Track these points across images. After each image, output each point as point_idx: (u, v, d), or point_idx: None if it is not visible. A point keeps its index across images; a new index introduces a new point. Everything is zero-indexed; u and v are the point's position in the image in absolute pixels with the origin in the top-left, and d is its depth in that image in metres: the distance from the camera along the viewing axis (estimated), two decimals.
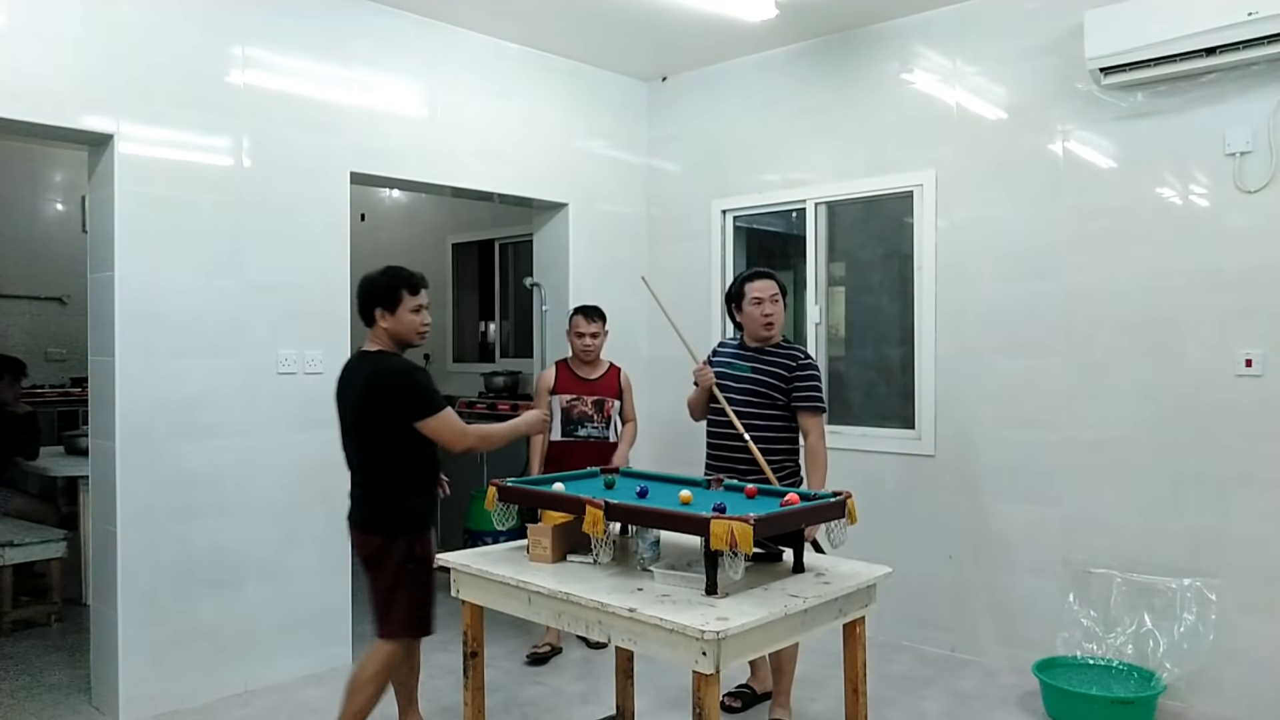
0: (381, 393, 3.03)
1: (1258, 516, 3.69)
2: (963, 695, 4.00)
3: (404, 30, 4.58)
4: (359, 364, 3.14)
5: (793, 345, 3.73)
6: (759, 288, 3.63)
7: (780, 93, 5.17)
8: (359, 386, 3.08)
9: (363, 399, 3.06)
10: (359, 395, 3.07)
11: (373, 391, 3.04)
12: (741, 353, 3.71)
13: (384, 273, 3.17)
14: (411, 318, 3.14)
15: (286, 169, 4.15)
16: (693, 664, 2.19)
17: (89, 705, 3.87)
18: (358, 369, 3.14)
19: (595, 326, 4.51)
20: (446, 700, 3.91)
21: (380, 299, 3.12)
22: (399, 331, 3.13)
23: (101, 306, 3.78)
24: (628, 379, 4.67)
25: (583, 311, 4.55)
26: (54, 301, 7.81)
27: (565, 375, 4.56)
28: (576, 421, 4.49)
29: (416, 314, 3.16)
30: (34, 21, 3.47)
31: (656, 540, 2.70)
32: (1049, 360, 4.21)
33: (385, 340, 3.13)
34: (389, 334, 3.13)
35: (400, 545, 3.09)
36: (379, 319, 3.12)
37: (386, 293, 3.12)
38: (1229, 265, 3.75)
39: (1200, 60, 3.66)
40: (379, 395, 3.03)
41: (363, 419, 3.07)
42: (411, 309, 3.14)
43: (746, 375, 3.64)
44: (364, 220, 8.04)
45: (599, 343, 4.53)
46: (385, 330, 3.12)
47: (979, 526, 4.43)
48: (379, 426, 3.05)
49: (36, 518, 5.41)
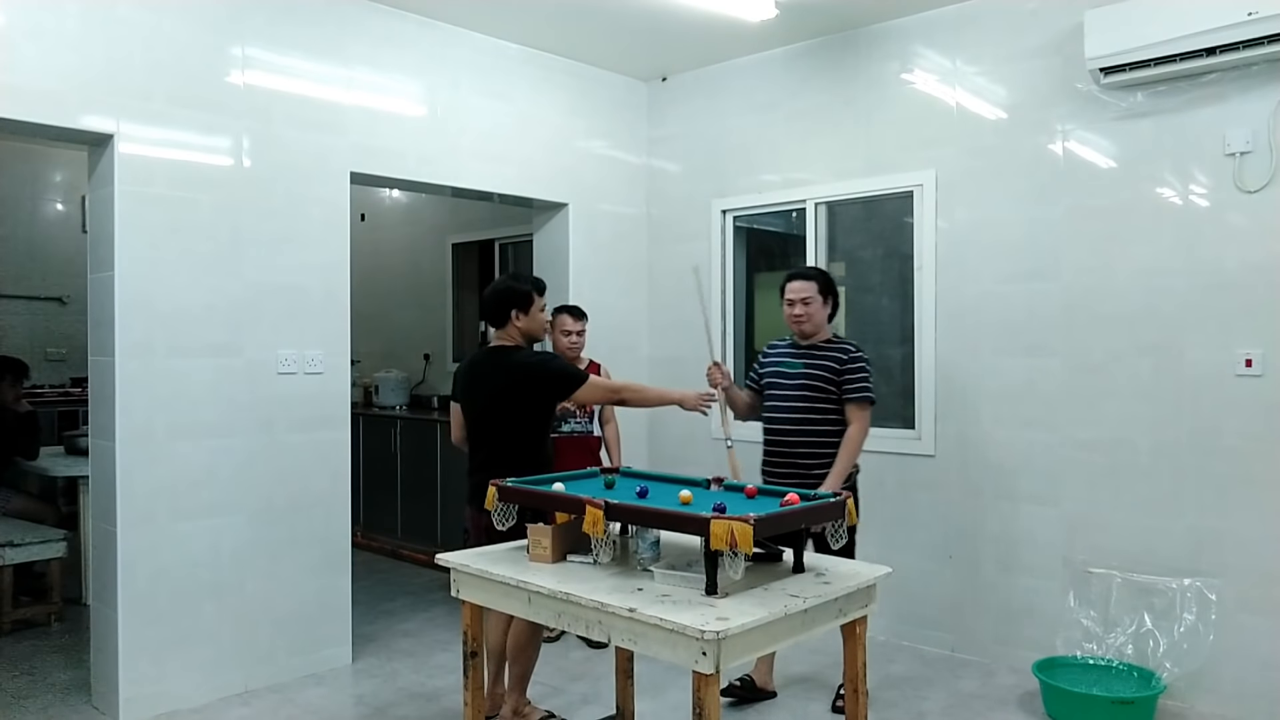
0: (529, 376, 3.42)
1: (1258, 516, 3.69)
2: (963, 695, 4.00)
3: (404, 30, 4.58)
4: (495, 356, 3.51)
5: (844, 341, 3.88)
6: (791, 289, 3.84)
7: (780, 93, 5.17)
8: (504, 372, 3.44)
9: (509, 384, 3.43)
10: (504, 381, 3.43)
11: (521, 376, 3.42)
12: (794, 351, 3.87)
13: (514, 278, 3.63)
14: (541, 316, 3.59)
15: (286, 169, 4.15)
16: (693, 664, 2.19)
17: (89, 705, 3.87)
18: (494, 361, 3.49)
19: (581, 325, 4.59)
20: (447, 700, 3.91)
21: (517, 301, 3.52)
22: (531, 329, 3.56)
23: (101, 306, 3.78)
24: (608, 374, 4.71)
25: (569, 310, 4.60)
26: (54, 301, 7.82)
27: None
28: (560, 417, 4.54)
29: (543, 313, 3.62)
30: (34, 21, 3.46)
31: (656, 540, 2.71)
32: (1049, 360, 4.21)
33: (518, 337, 3.54)
34: (522, 332, 3.54)
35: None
36: (514, 319, 3.52)
37: (523, 296, 3.53)
38: (1229, 265, 3.75)
39: (1200, 60, 3.66)
40: (528, 378, 3.42)
41: (509, 402, 3.43)
42: (540, 308, 3.58)
43: (800, 372, 3.79)
44: (364, 220, 8.05)
45: (583, 341, 4.61)
46: (519, 329, 3.53)
47: (979, 526, 4.43)
48: (526, 406, 3.44)
49: (36, 518, 5.41)
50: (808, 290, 3.79)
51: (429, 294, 7.69)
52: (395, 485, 6.90)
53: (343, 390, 4.35)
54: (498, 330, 3.57)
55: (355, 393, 6.71)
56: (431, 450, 6.55)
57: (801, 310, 3.79)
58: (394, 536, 6.85)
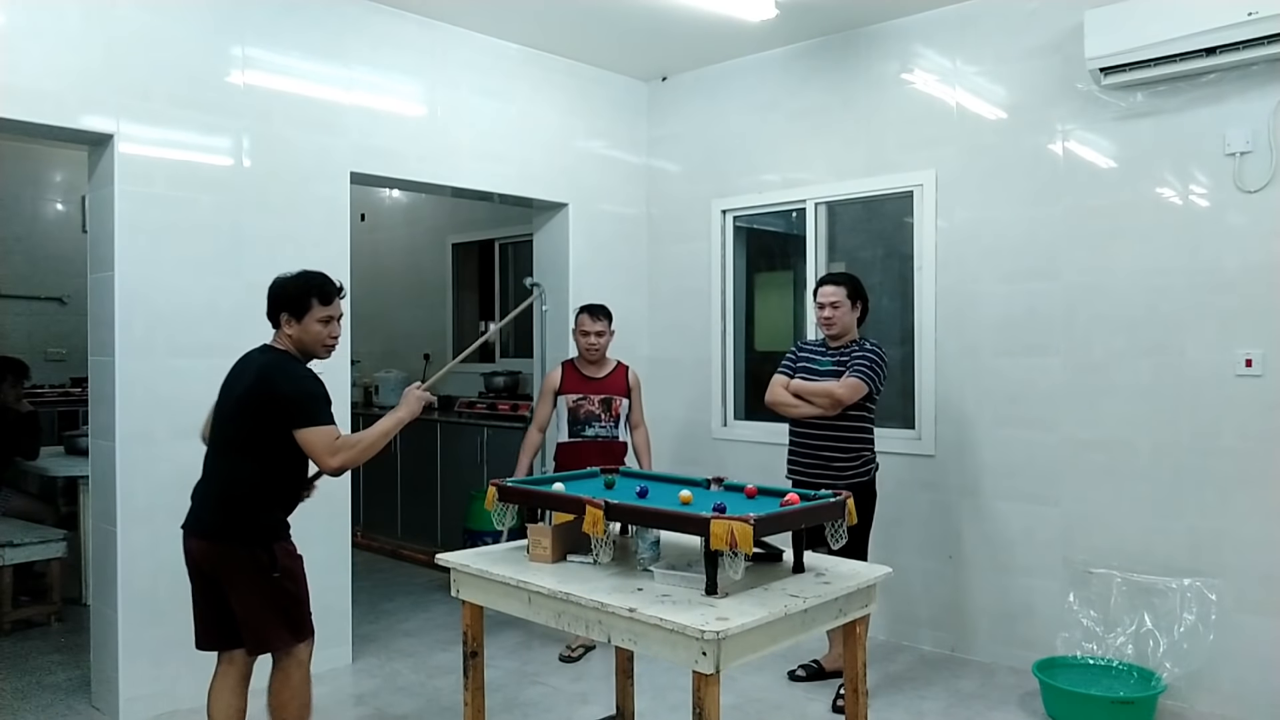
0: (265, 391, 2.79)
1: (1258, 516, 3.69)
2: (963, 695, 4.00)
3: (404, 30, 4.58)
4: (260, 355, 2.91)
5: (867, 340, 4.03)
6: (822, 293, 4.03)
7: (780, 93, 5.17)
8: (251, 376, 2.84)
9: (246, 392, 2.83)
10: (246, 385, 2.84)
11: (259, 388, 2.80)
12: (823, 351, 4.06)
13: (300, 276, 2.93)
14: (317, 329, 2.90)
15: (286, 169, 4.15)
16: (693, 664, 2.19)
17: (89, 705, 3.87)
18: (256, 360, 2.89)
19: (600, 325, 4.44)
20: (446, 700, 3.91)
21: (288, 304, 2.88)
22: (303, 341, 2.90)
23: (101, 306, 3.78)
24: (636, 377, 4.61)
25: (588, 310, 4.48)
26: (54, 301, 7.82)
27: (571, 375, 4.51)
28: (584, 421, 4.43)
29: (325, 325, 2.91)
30: (34, 21, 3.46)
31: (656, 540, 2.71)
32: (1049, 360, 4.21)
33: (289, 345, 2.91)
34: (292, 341, 2.90)
35: (261, 554, 2.83)
36: (284, 324, 2.89)
37: (296, 299, 2.88)
38: (1229, 265, 3.75)
39: (1200, 60, 3.66)
40: (263, 393, 2.80)
41: (243, 413, 2.83)
42: (321, 319, 2.90)
43: (828, 370, 3.96)
44: (364, 220, 8.05)
45: (604, 341, 4.45)
46: (288, 336, 2.90)
47: (979, 526, 4.43)
48: (257, 425, 2.81)
49: (36, 518, 5.41)
50: (837, 295, 3.97)
51: (429, 294, 7.69)
52: (395, 485, 6.90)
53: (342, 390, 4.35)
54: (274, 331, 2.96)
55: (355, 393, 6.71)
56: (431, 450, 6.55)
57: (831, 314, 3.97)
58: (394, 536, 6.85)
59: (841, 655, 3.85)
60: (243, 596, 2.83)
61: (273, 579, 2.83)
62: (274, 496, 2.90)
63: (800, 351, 4.14)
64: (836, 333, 4.00)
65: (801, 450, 4.02)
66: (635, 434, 4.58)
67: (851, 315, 4.01)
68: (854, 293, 4.01)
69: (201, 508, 2.90)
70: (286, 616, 2.87)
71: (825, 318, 3.99)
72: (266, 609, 2.84)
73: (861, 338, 4.06)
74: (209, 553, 2.84)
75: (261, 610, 2.83)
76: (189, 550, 2.90)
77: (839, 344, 4.02)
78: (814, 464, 3.95)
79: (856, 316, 4.04)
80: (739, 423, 5.42)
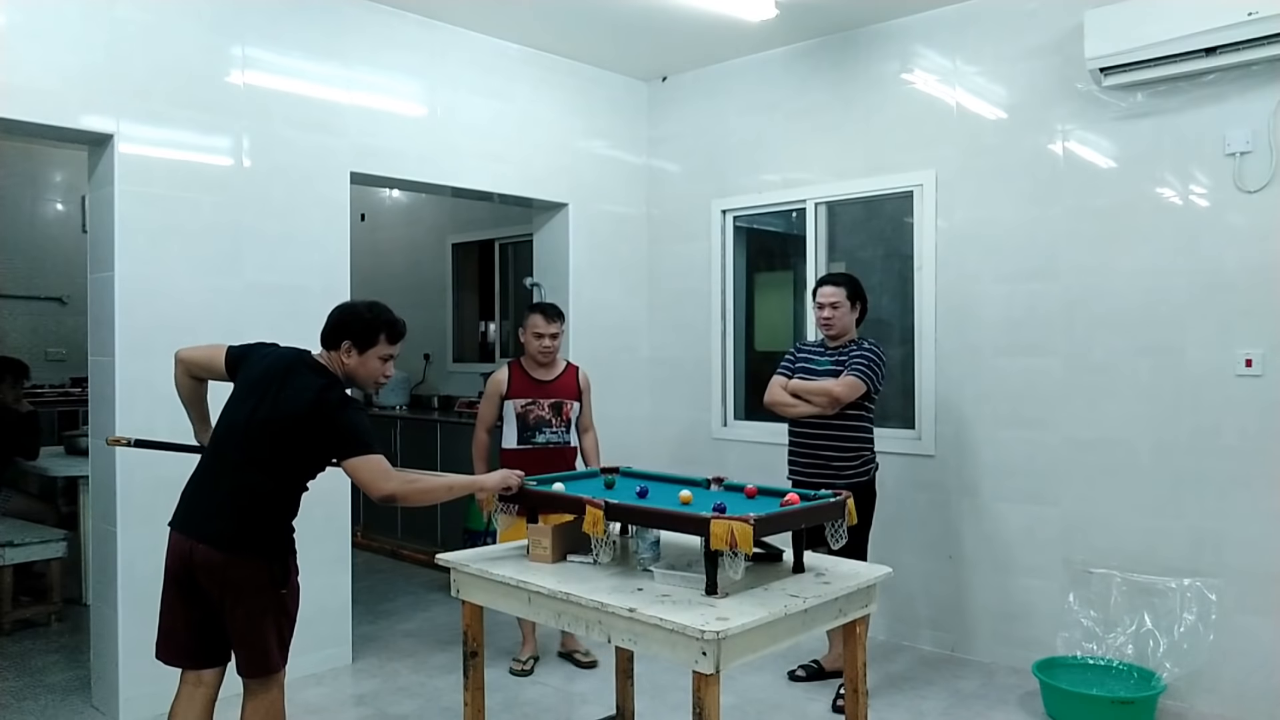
0: (318, 412, 2.69)
1: (1258, 516, 3.69)
2: (963, 695, 4.00)
3: (404, 30, 4.58)
4: (315, 373, 2.78)
5: (865, 340, 4.05)
6: (822, 294, 4.04)
7: (780, 93, 5.17)
8: (309, 394, 2.71)
9: (297, 410, 2.70)
10: (299, 404, 2.71)
11: (310, 409, 2.69)
12: (822, 351, 4.08)
13: (374, 308, 2.84)
14: (375, 365, 2.82)
15: (286, 169, 4.15)
16: (693, 664, 2.19)
17: (89, 705, 3.87)
18: (311, 377, 2.76)
19: (555, 327, 4.19)
20: (446, 700, 3.91)
21: (357, 335, 2.78)
22: (357, 374, 2.82)
23: (101, 306, 3.78)
24: (587, 379, 4.38)
25: (541, 310, 4.22)
26: (54, 301, 7.82)
27: (519, 377, 4.25)
28: (534, 428, 4.19)
29: (384, 363, 2.85)
30: (34, 21, 3.46)
31: (656, 540, 2.71)
32: (1049, 360, 4.21)
33: (338, 371, 2.81)
34: (345, 370, 2.81)
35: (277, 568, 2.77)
36: (343, 351, 2.78)
37: (367, 334, 2.78)
38: (1229, 265, 3.75)
39: (1200, 60, 3.66)
40: (315, 414, 2.69)
41: (286, 433, 2.71)
42: (381, 358, 2.83)
43: (827, 370, 3.98)
44: (364, 220, 8.05)
45: (558, 344, 4.23)
46: (344, 365, 2.80)
47: (979, 526, 4.43)
48: (300, 447, 2.72)
49: (36, 518, 5.41)
50: (837, 295, 3.99)
51: (429, 294, 7.69)
52: None
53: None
54: (324, 350, 2.85)
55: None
56: (432, 450, 6.54)
57: (830, 314, 3.99)
58: (394, 536, 6.84)
59: (841, 655, 3.85)
60: (249, 612, 2.72)
61: (280, 595, 2.78)
62: (291, 513, 2.83)
63: (799, 352, 4.15)
64: (836, 333, 4.03)
65: (801, 450, 4.03)
66: (584, 438, 4.35)
67: (851, 316, 4.03)
68: (853, 293, 4.03)
69: (215, 516, 2.73)
70: (280, 637, 2.82)
71: (825, 318, 4.02)
72: (270, 628, 2.78)
73: (860, 338, 4.07)
74: (219, 563, 2.68)
75: (266, 629, 2.77)
76: (184, 555, 2.75)
77: (838, 344, 4.04)
78: (814, 464, 3.96)
79: (856, 317, 4.06)
80: (739, 423, 5.42)
